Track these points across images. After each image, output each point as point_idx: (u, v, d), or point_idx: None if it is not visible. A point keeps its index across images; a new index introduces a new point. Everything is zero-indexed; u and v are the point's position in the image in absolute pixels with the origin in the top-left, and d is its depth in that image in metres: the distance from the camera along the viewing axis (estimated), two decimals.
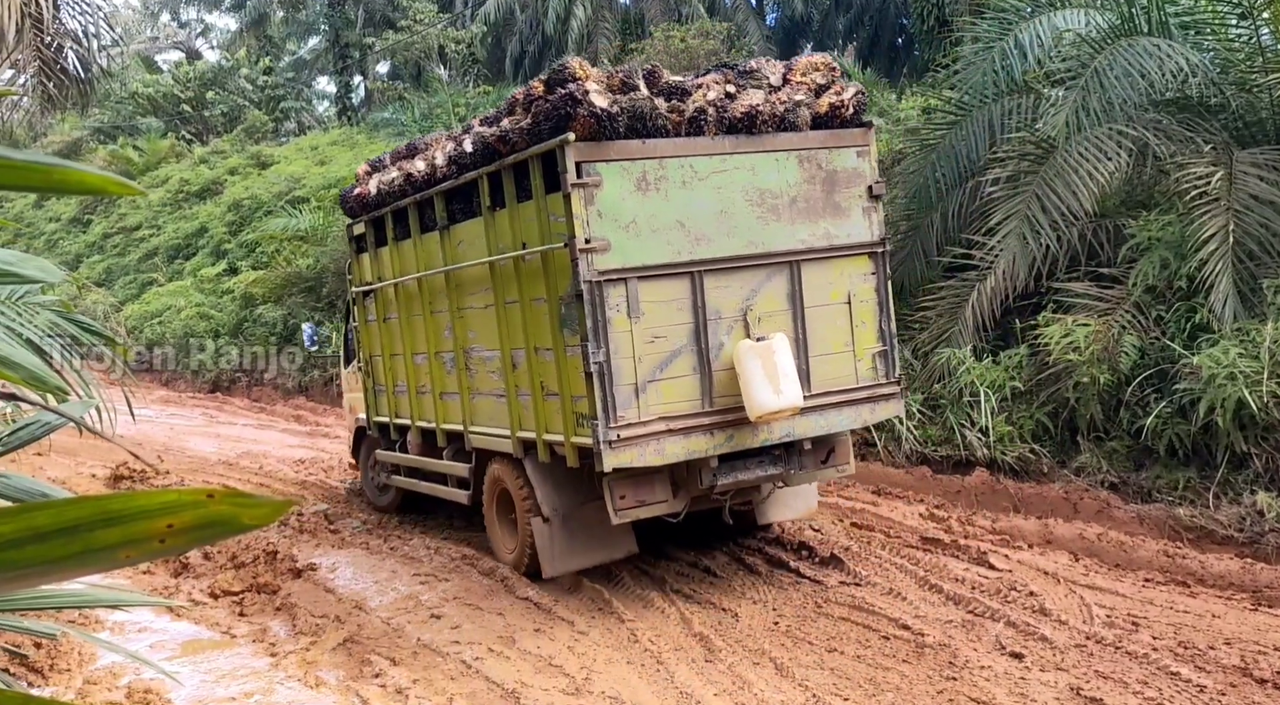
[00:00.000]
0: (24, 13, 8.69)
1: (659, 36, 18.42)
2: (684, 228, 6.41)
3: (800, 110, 6.69)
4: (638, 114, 6.24)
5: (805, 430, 6.74)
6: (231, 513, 0.71)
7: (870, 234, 6.97)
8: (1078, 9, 10.30)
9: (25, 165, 0.56)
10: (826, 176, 6.83)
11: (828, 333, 6.83)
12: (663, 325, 6.36)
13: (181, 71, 35.79)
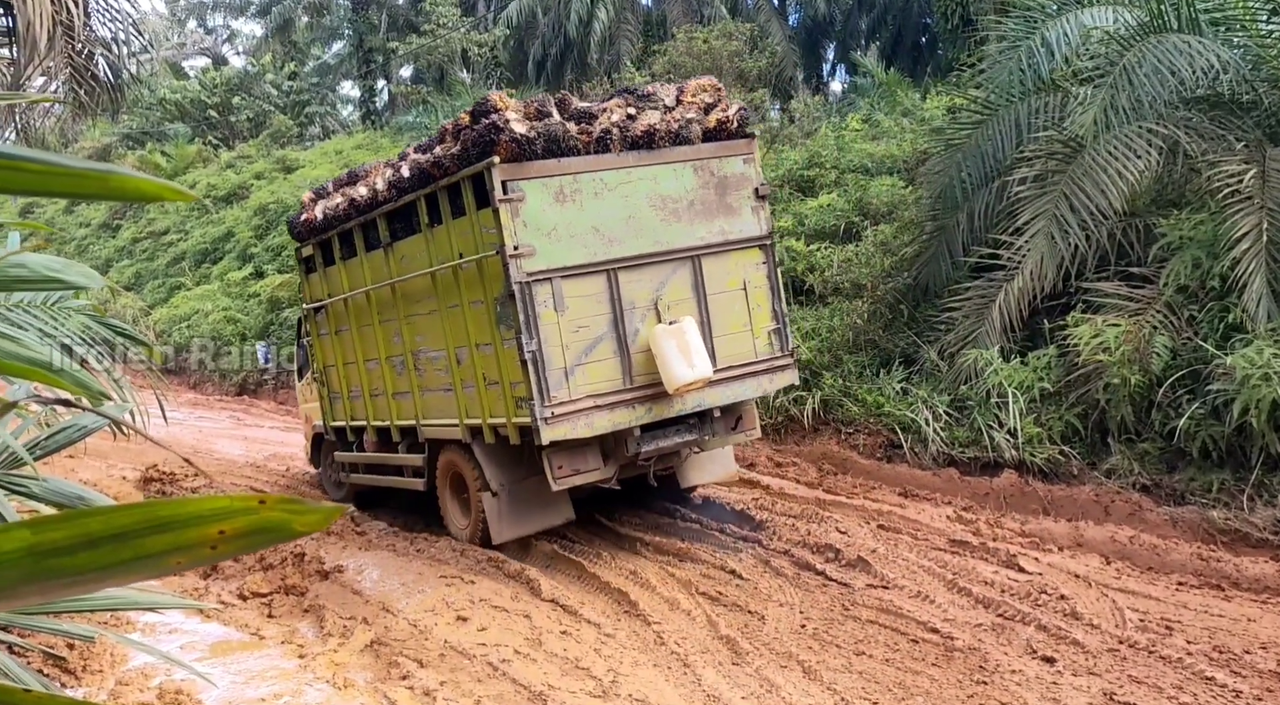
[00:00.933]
0: (55, 20, 8.78)
1: (681, 38, 18.41)
2: (598, 232, 7.40)
3: (692, 126, 7.78)
4: (552, 137, 7.24)
5: (715, 400, 7.77)
6: (283, 519, 0.71)
7: (759, 229, 8.05)
8: (1106, 6, 10.20)
9: (83, 173, 0.56)
10: (718, 182, 7.90)
11: (728, 315, 7.88)
12: (585, 316, 7.35)
13: (208, 77, 36.15)
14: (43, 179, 0.54)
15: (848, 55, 27.45)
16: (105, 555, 0.70)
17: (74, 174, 0.55)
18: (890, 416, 9.82)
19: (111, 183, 0.57)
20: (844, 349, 11.05)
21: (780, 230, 13.76)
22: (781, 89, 23.86)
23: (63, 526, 0.70)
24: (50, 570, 0.70)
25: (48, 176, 0.55)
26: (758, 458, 10.53)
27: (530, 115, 7.37)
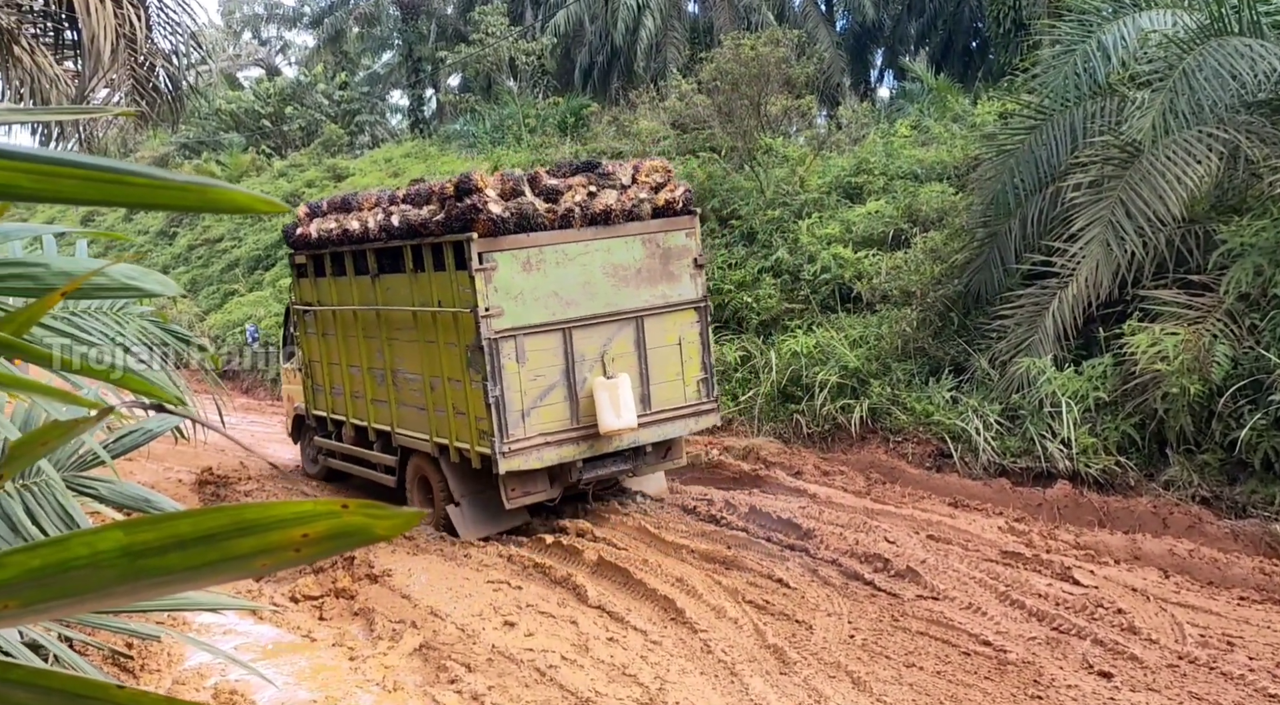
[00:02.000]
0: (119, 33, 8.99)
1: (729, 45, 18.37)
2: (558, 296, 8.65)
3: (643, 205, 9.08)
4: (523, 215, 8.51)
5: (647, 438, 9.10)
6: (365, 523, 0.72)
7: (695, 293, 9.33)
8: (1164, 9, 10.01)
9: (186, 186, 0.58)
10: (663, 252, 9.17)
11: (664, 366, 9.15)
12: (542, 367, 8.57)
13: (262, 88, 36.85)
14: (150, 192, 0.56)
15: (896, 61, 27.23)
16: (194, 556, 0.72)
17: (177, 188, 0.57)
18: (940, 425, 9.71)
19: (210, 195, 0.58)
20: (892, 357, 10.95)
21: (827, 237, 13.67)
22: (829, 95, 23.74)
23: (154, 528, 0.72)
24: (142, 570, 0.72)
25: (154, 190, 0.57)
26: (804, 466, 10.46)
27: (505, 194, 8.61)
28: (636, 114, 21.76)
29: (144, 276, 1.41)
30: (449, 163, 24.71)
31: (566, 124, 23.99)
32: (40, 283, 1.14)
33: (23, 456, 0.69)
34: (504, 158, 21.41)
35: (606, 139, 21.45)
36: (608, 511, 9.58)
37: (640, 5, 24.73)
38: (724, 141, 18.50)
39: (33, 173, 0.56)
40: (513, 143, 23.94)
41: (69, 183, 0.55)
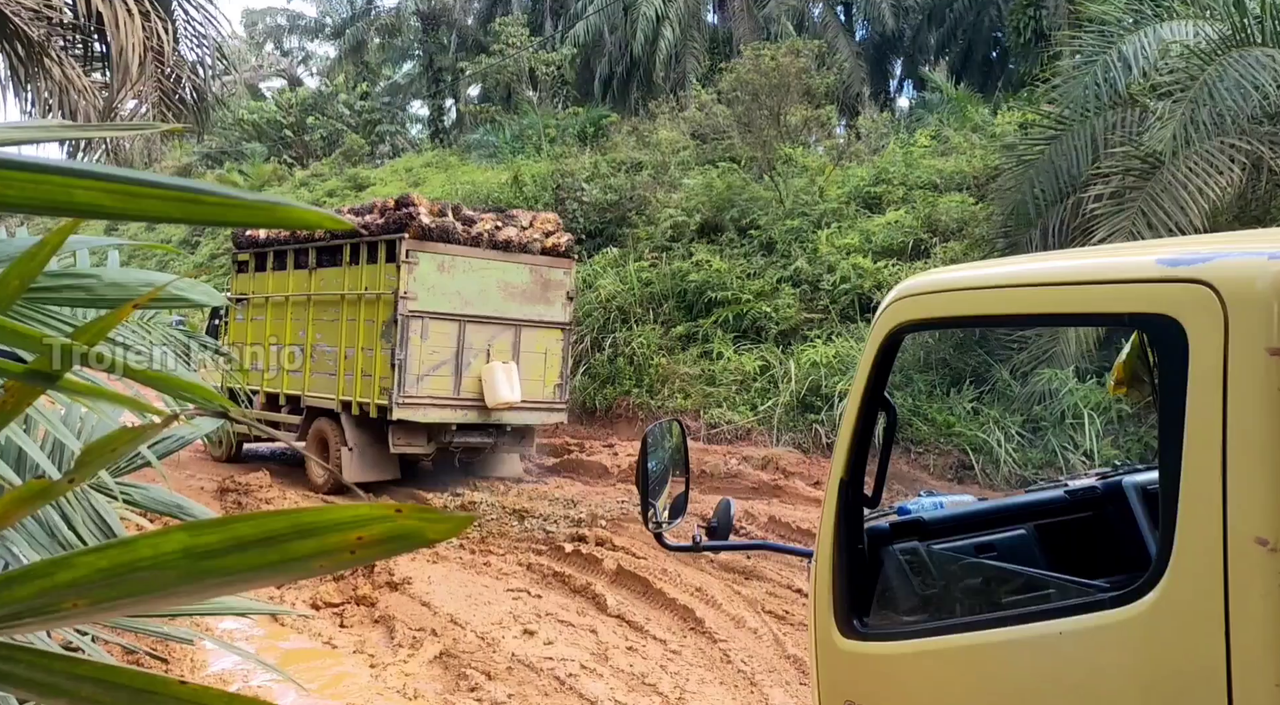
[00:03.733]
0: (146, 46, 9.11)
1: (748, 55, 18.44)
2: (460, 295, 11.14)
3: (535, 243, 11.81)
4: (445, 230, 11.16)
5: (511, 420, 11.59)
6: (417, 527, 0.74)
7: (564, 318, 11.99)
8: (1185, 20, 9.99)
9: (254, 204, 0.61)
10: (544, 282, 11.80)
11: (531, 368, 11.61)
12: (439, 346, 11.01)
13: (284, 98, 37.22)
14: (223, 211, 0.59)
15: (916, 71, 27.21)
16: (254, 558, 0.75)
17: (247, 205, 0.60)
18: (961, 436, 9.68)
19: (279, 213, 0.61)
20: (913, 368, 10.93)
21: (846, 247, 13.67)
22: (848, 105, 23.75)
23: (216, 530, 0.75)
24: (205, 571, 0.75)
25: (227, 208, 0.60)
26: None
27: (435, 212, 11.33)
28: (656, 124, 21.83)
29: (192, 288, 1.45)
30: (469, 172, 24.86)
31: (586, 134, 24.10)
32: (93, 293, 1.18)
33: (93, 462, 0.73)
34: (524, 168, 21.52)
35: (626, 149, 21.54)
36: (626, 520, 9.60)
37: (659, 16, 24.83)
38: (743, 151, 18.53)
39: (114, 192, 0.59)
40: (532, 153, 24.06)
41: (150, 202, 0.58)
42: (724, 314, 14.67)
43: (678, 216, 17.21)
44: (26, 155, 0.66)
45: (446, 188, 23.21)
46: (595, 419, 15.32)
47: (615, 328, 15.86)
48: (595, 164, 20.53)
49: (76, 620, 0.86)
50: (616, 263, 17.41)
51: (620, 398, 15.09)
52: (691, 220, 17.04)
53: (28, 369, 0.73)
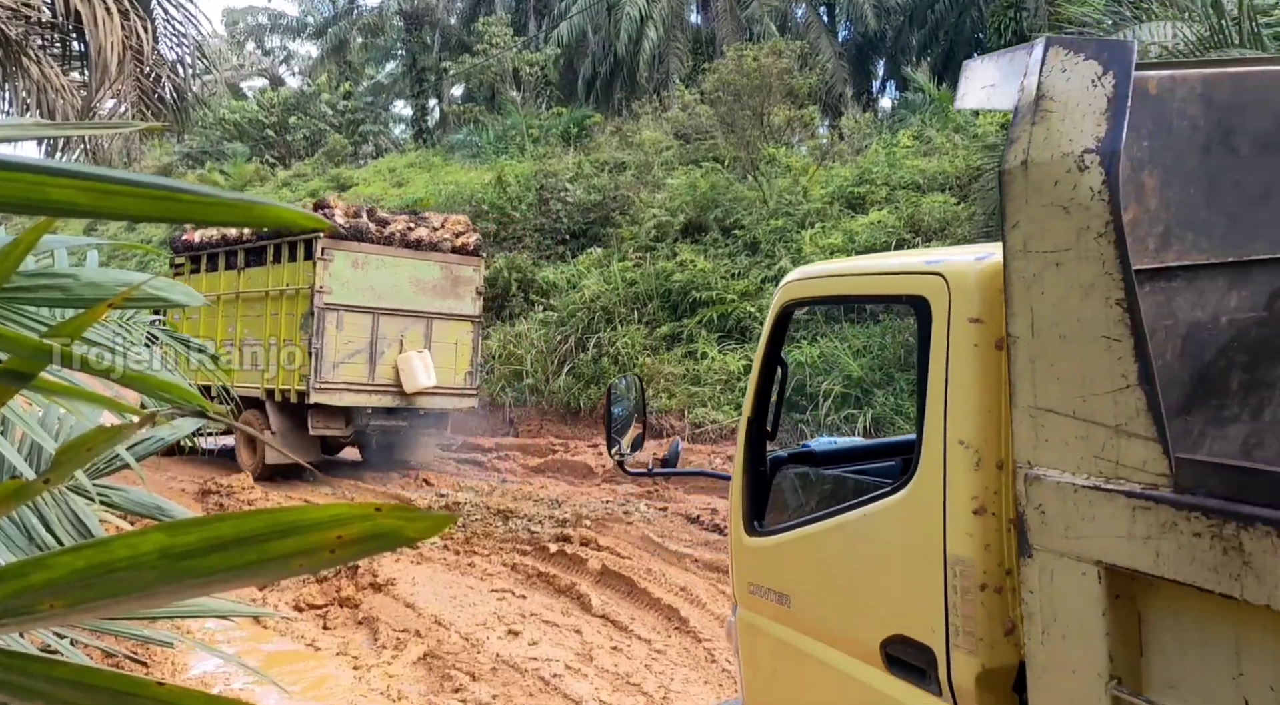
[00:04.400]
0: (125, 45, 9.04)
1: (731, 55, 18.47)
2: (373, 290, 12.17)
3: (445, 243, 12.90)
4: (359, 229, 12.30)
5: (426, 404, 12.56)
6: (397, 526, 0.74)
7: (473, 311, 13.05)
8: (1164, 21, 10.07)
9: (232, 203, 0.61)
10: (454, 278, 12.87)
11: (443, 357, 12.59)
12: (353, 336, 12.05)
13: (266, 97, 37.02)
14: (200, 209, 0.59)
15: (898, 71, 27.33)
16: (234, 557, 0.74)
17: (225, 204, 0.60)
18: None
19: (256, 211, 0.61)
20: (895, 367, 10.98)
21: (830, 247, 13.71)
22: (831, 106, 23.83)
23: (194, 530, 0.75)
24: (183, 571, 0.75)
25: (203, 207, 0.59)
26: None
27: (350, 214, 12.60)
28: (640, 124, 21.84)
29: (170, 287, 1.44)
30: (453, 173, 24.81)
31: (570, 134, 24.08)
32: (69, 293, 1.17)
33: (69, 462, 0.72)
34: (508, 168, 21.48)
35: (610, 149, 21.54)
36: (611, 520, 9.60)
37: (643, 16, 24.84)
38: (727, 151, 18.56)
39: (90, 190, 0.58)
40: (516, 153, 24.03)
41: (126, 200, 0.58)
42: (708, 314, 14.69)
43: (661, 216, 17.23)
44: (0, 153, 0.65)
45: (430, 188, 23.16)
46: (580, 419, 15.31)
47: (599, 328, 15.86)
48: (579, 164, 20.53)
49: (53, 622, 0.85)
50: (600, 263, 17.41)
51: (604, 398, 15.09)
52: (675, 220, 17.06)
53: (2, 369, 0.72)
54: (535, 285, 17.89)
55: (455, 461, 14.00)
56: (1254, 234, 2.23)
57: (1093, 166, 1.91)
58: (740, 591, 3.26)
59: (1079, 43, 2.03)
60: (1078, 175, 1.94)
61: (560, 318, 16.47)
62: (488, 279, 18.51)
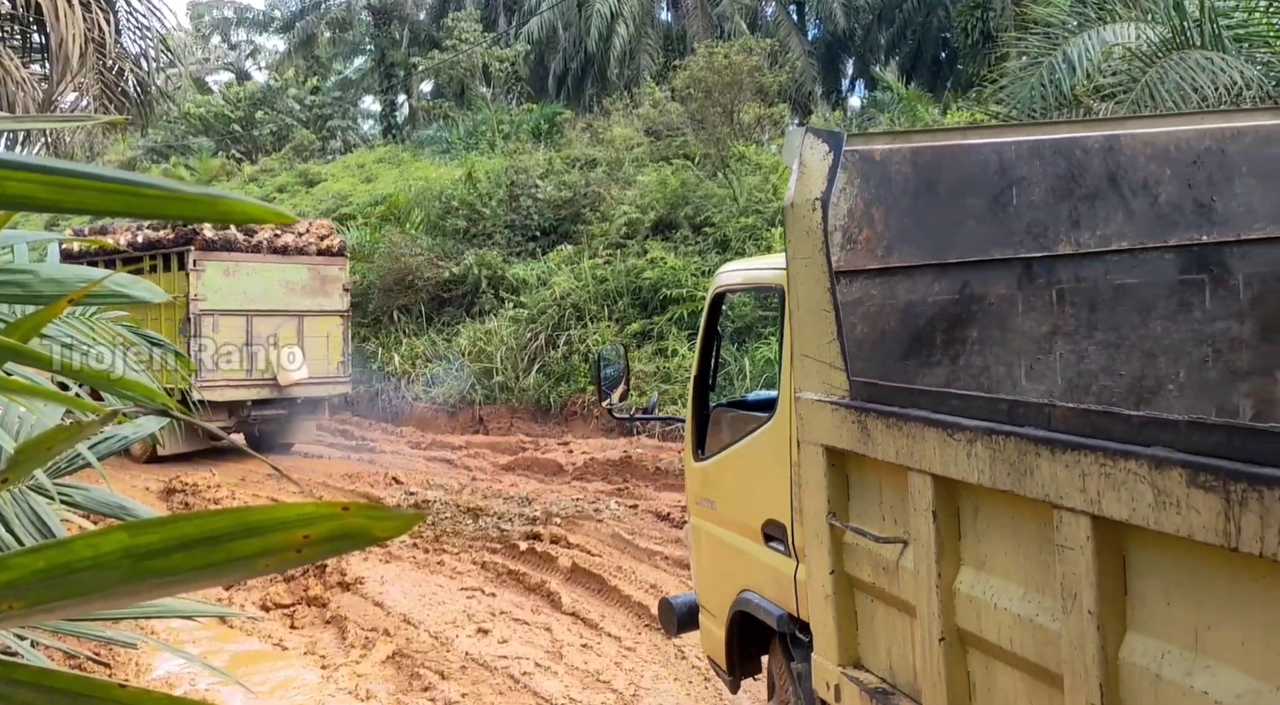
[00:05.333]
0: (87, 37, 8.90)
1: (702, 53, 18.50)
2: (246, 294, 13.37)
3: (311, 246, 14.24)
4: (228, 240, 13.49)
5: (301, 393, 13.88)
6: (364, 525, 0.74)
7: (341, 307, 14.46)
8: (1128, 22, 10.20)
9: (197, 198, 0.60)
10: (321, 278, 14.22)
11: (316, 350, 13.94)
12: (230, 337, 13.13)
13: (232, 92, 36.57)
14: (163, 203, 0.58)
15: (867, 70, 27.51)
16: (198, 557, 0.73)
17: (189, 199, 0.59)
18: None
19: (221, 206, 0.60)
20: None
21: None
22: (801, 104, 23.93)
23: (158, 530, 0.74)
24: (145, 571, 0.74)
25: (166, 201, 0.59)
26: None
27: (218, 226, 13.32)
28: (610, 121, 21.82)
29: (133, 284, 1.41)
30: (422, 168, 24.65)
31: (540, 130, 24.01)
32: (29, 289, 1.15)
33: (28, 461, 0.71)
34: (478, 164, 21.38)
35: (580, 146, 21.50)
36: (581, 518, 9.60)
37: (613, 13, 24.82)
38: (697, 149, 18.59)
39: (50, 185, 0.57)
40: (486, 149, 23.92)
41: (85, 194, 0.57)
42: (679, 311, 14.70)
43: (632, 213, 17.22)
44: None
45: (399, 184, 23.00)
46: (550, 416, 15.28)
47: (570, 325, 15.83)
48: (549, 160, 20.47)
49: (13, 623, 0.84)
50: (571, 260, 17.38)
51: (575, 395, 15.07)
52: (646, 217, 17.05)
53: None
54: (505, 282, 17.82)
55: (425, 459, 13.93)
56: (948, 247, 3.39)
57: (818, 208, 3.14)
58: (691, 504, 4.75)
59: (820, 131, 3.30)
60: (811, 213, 3.17)
61: (530, 315, 16.42)
62: (457, 276, 18.46)
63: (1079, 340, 3.50)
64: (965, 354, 3.40)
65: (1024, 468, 2.10)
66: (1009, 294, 3.46)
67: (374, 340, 18.89)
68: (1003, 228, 3.43)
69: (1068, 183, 3.47)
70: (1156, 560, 1.90)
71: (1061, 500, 2.00)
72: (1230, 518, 1.60)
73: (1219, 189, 3.58)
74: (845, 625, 3.13)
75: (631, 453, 12.24)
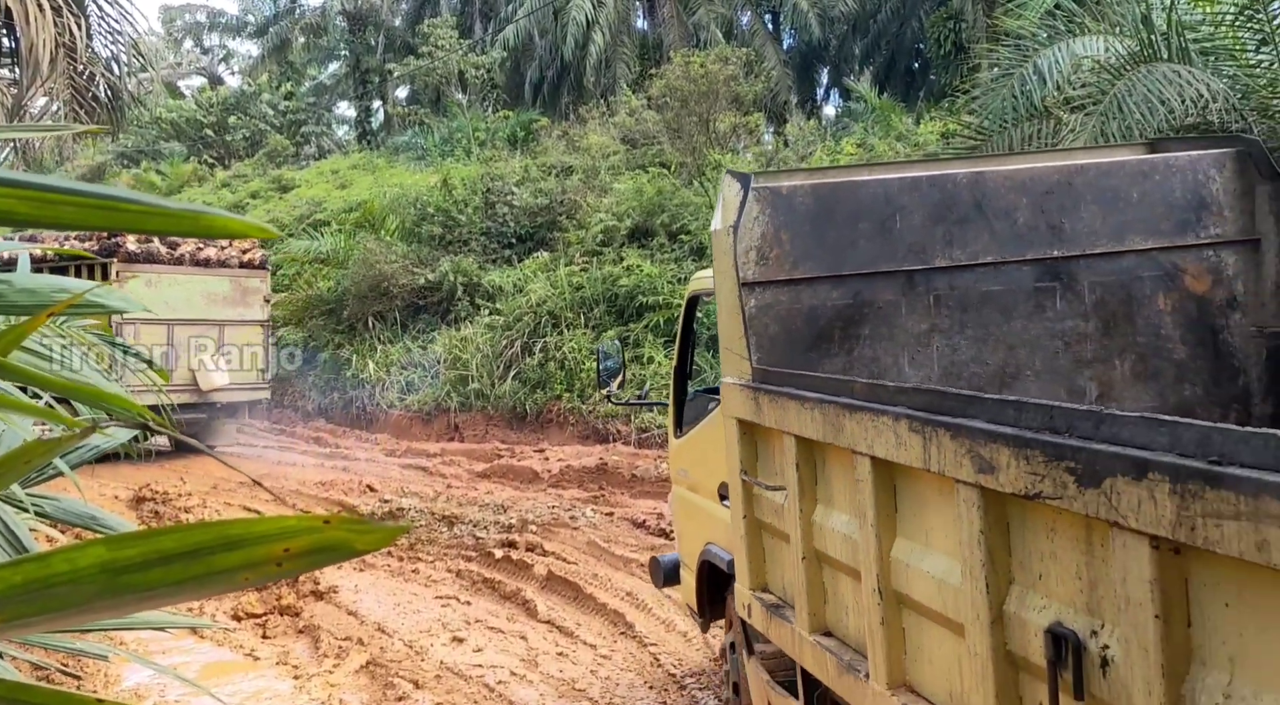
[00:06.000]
0: (58, 42, 8.83)
1: (678, 62, 18.57)
2: (168, 304, 13.74)
3: (233, 259, 15.17)
4: (150, 253, 14.25)
5: (219, 399, 14.74)
6: (345, 538, 0.74)
7: (262, 316, 15.36)
8: (1097, 35, 10.33)
9: (178, 213, 0.60)
10: (242, 289, 15.11)
11: (237, 358, 14.80)
12: (153, 344, 13.31)
13: (204, 97, 36.26)
14: (142, 219, 0.58)
15: (841, 80, 27.70)
16: (177, 572, 0.73)
17: (170, 214, 0.59)
18: None
19: (203, 221, 0.60)
20: None
21: None
22: (776, 113, 24.06)
23: (137, 544, 0.74)
24: (124, 586, 0.74)
25: (145, 216, 0.59)
26: None
27: (141, 240, 14.09)
28: (586, 129, 21.84)
29: (109, 294, 1.40)
30: (397, 175, 24.56)
31: (516, 138, 23.99)
32: (4, 300, 1.13)
33: (6, 474, 0.70)
34: (453, 171, 21.33)
35: (556, 153, 21.50)
36: (557, 526, 9.57)
37: (589, 21, 24.86)
38: (673, 157, 18.64)
39: (30, 200, 0.57)
40: (462, 156, 23.86)
41: (65, 209, 0.57)
42: (655, 318, 14.72)
43: (608, 221, 17.24)
44: None
45: (374, 190, 22.89)
46: (526, 424, 15.24)
47: (545, 332, 15.81)
48: (525, 168, 20.45)
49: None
50: (547, 267, 17.36)
51: (551, 402, 15.04)
52: (622, 225, 17.08)
53: None
54: (481, 289, 17.77)
55: (399, 467, 13.86)
56: (844, 262, 4.12)
57: (731, 234, 3.99)
58: (672, 474, 5.71)
59: (735, 172, 4.10)
60: (726, 237, 4.03)
61: (506, 322, 16.39)
62: (433, 283, 18.39)
63: (952, 336, 4.26)
64: (859, 347, 4.16)
65: (838, 426, 2.93)
66: (894, 299, 4.21)
67: (348, 347, 18.77)
68: (888, 246, 4.17)
69: (942, 210, 4.24)
70: (906, 486, 2.72)
71: (857, 447, 2.82)
72: (927, 450, 2.40)
73: (1067, 213, 4.35)
74: (755, 558, 3.94)
75: (607, 460, 12.23)
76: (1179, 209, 4.45)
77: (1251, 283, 4.55)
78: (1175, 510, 1.66)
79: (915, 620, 2.74)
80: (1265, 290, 4.54)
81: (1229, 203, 4.53)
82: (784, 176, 4.31)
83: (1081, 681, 1.99)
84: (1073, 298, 4.35)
